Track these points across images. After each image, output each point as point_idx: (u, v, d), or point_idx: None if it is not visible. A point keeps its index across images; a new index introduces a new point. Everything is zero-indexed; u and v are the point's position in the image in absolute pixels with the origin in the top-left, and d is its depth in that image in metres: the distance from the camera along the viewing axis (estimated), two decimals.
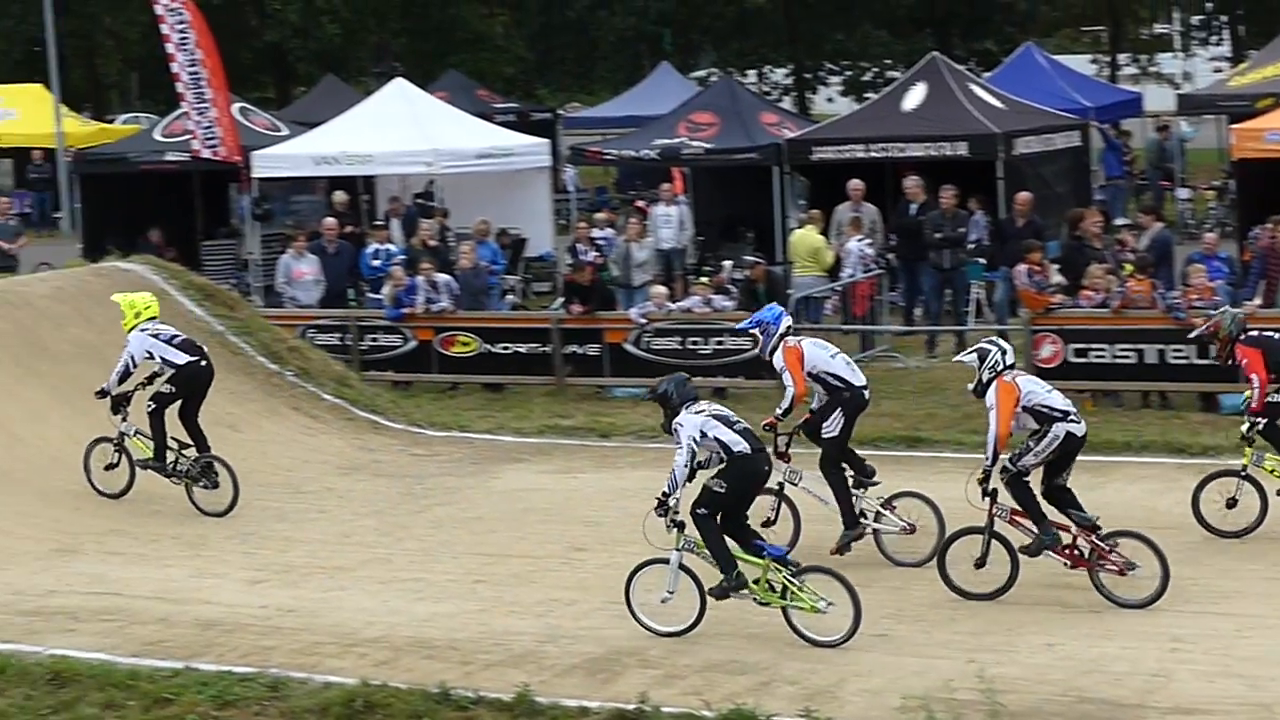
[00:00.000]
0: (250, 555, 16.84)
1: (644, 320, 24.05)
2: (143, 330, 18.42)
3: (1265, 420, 16.14)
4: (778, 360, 15.82)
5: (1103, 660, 13.04)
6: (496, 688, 12.78)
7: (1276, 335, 16.65)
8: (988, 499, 14.51)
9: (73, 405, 19.27)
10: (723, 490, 13.72)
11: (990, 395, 14.50)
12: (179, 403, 18.43)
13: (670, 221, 30.18)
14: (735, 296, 24.60)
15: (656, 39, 60.49)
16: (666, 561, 13.88)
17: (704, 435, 13.79)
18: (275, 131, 33.37)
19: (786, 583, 13.58)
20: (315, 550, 16.91)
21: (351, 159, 30.46)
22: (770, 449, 14.73)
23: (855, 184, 27.96)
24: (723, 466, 13.82)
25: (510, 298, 28.67)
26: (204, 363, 18.49)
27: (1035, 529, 14.49)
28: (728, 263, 28.36)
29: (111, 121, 60.20)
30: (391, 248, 27.54)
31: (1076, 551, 14.44)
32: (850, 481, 15.82)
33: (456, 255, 26.75)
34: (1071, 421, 14.51)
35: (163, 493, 18.49)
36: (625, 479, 19.02)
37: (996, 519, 14.56)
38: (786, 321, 16.05)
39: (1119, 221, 29.07)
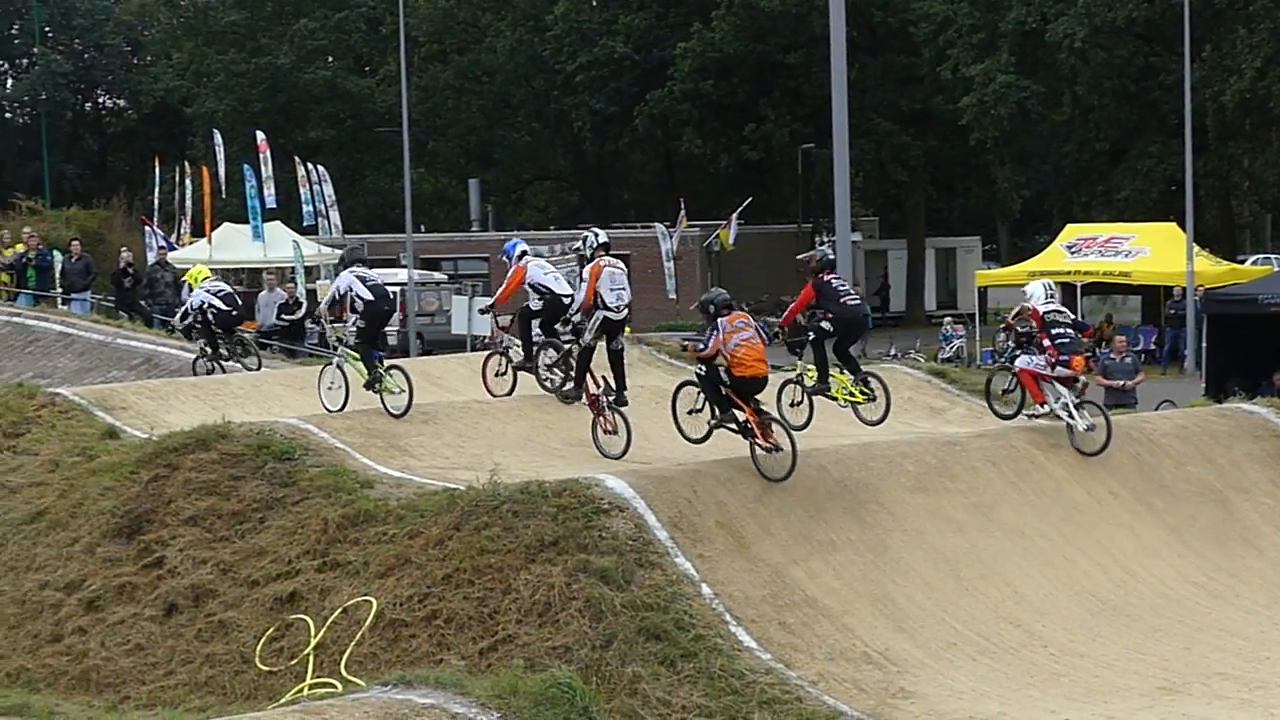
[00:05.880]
0: None
1: None
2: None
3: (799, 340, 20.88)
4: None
5: None
6: None
7: (849, 294, 20.71)
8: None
9: (1187, 544, 19.16)
10: (363, 325, 21.69)
11: (586, 270, 20.87)
12: None
13: None
14: None
15: None
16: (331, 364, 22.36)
17: (349, 289, 21.68)
18: None
19: (385, 375, 21.62)
20: None
21: None
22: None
23: None
24: (360, 311, 21.61)
25: None
26: None
27: (575, 381, 21.22)
28: None
29: (1242, 262, 60.00)
30: None
31: (596, 399, 20.69)
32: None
33: None
34: (610, 311, 20.63)
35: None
36: None
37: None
38: (522, 247, 22.55)
39: None
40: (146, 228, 53.10)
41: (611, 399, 20.78)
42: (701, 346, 19.23)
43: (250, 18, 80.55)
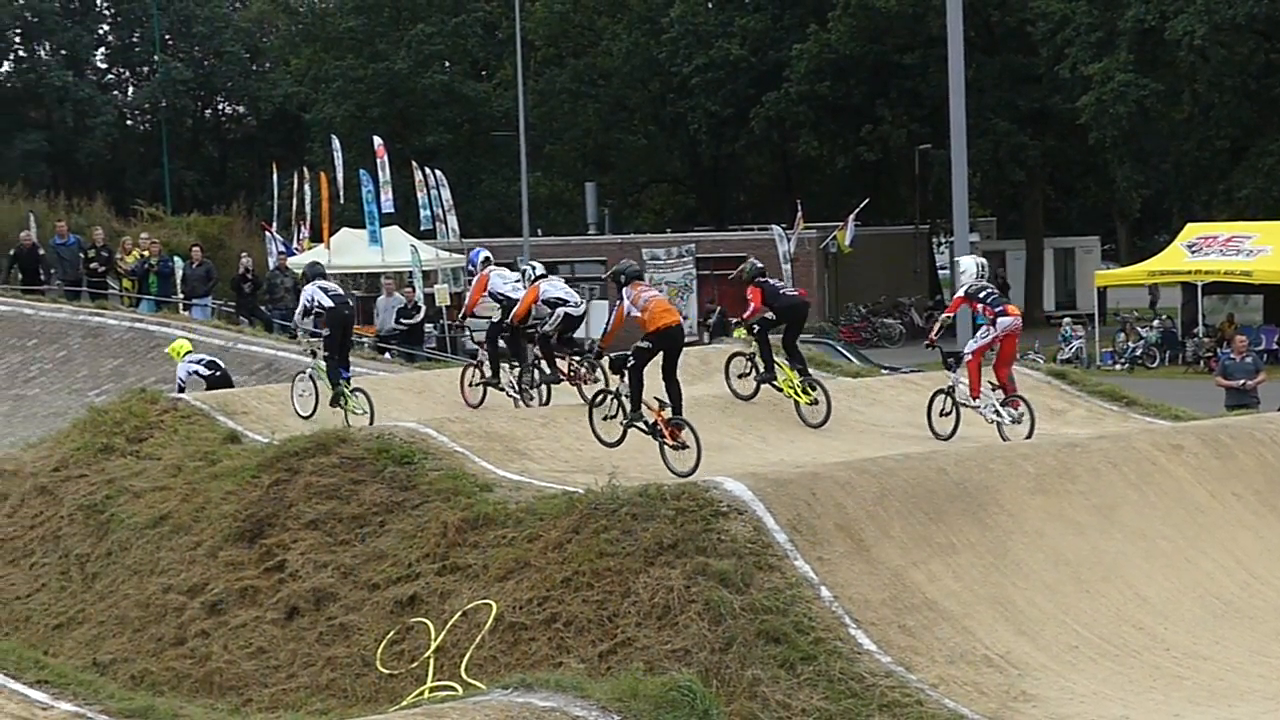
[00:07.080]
0: None
1: None
2: None
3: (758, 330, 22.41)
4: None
5: None
6: None
7: (785, 288, 23.03)
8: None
9: None
10: (327, 333, 22.96)
11: (523, 291, 22.68)
12: None
13: None
14: None
15: None
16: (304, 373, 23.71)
17: (313, 299, 22.81)
18: None
19: (348, 395, 23.06)
20: None
21: None
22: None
23: None
24: (323, 318, 22.91)
25: None
26: None
27: (547, 367, 22.82)
28: None
29: None
30: None
31: (572, 373, 22.55)
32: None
33: None
34: (570, 306, 22.60)
35: None
36: None
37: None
38: (484, 254, 24.06)
39: None
40: (266, 233, 53.68)
41: (577, 359, 22.57)
42: (606, 329, 21.46)
43: (367, 23, 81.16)
